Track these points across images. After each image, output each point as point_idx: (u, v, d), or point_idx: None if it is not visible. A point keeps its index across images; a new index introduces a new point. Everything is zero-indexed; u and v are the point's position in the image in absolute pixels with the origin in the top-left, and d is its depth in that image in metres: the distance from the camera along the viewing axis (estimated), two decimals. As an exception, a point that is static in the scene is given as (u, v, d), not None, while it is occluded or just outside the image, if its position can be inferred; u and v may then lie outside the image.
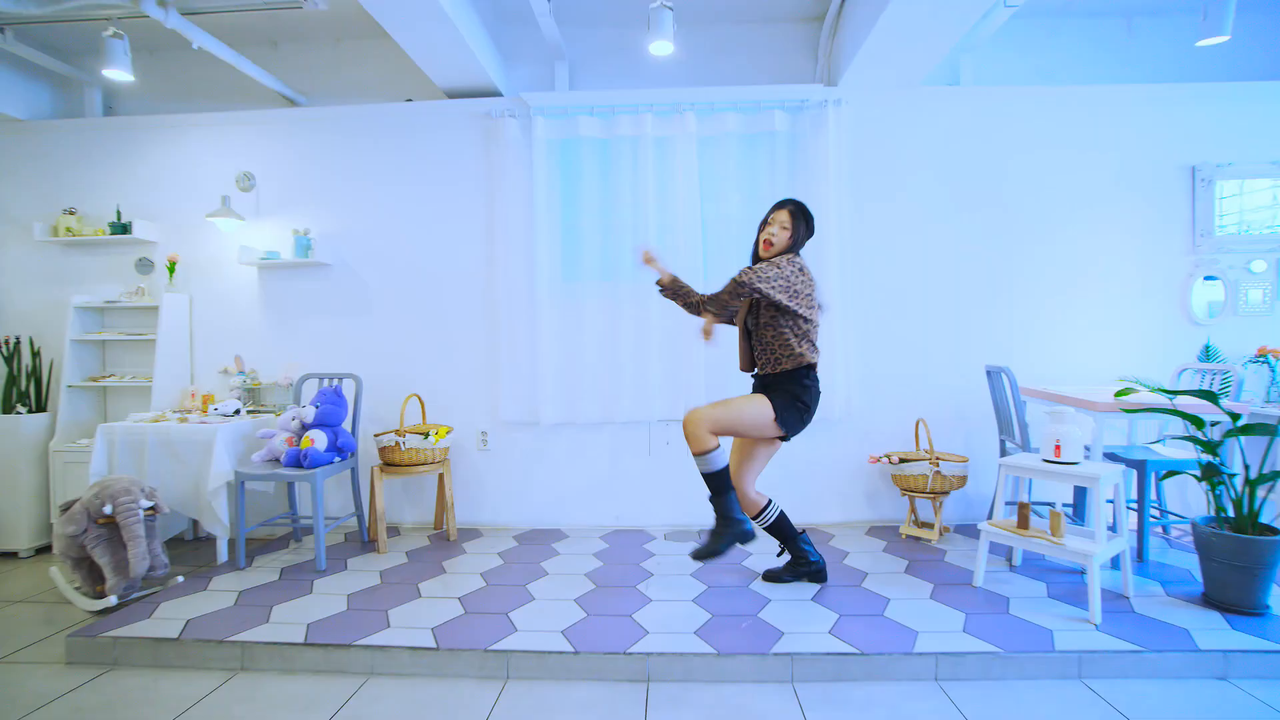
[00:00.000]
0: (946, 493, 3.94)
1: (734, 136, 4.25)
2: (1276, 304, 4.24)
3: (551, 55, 4.47)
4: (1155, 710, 2.35)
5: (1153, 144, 4.24)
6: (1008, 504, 3.52)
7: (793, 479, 4.32)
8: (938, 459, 3.91)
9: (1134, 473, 3.52)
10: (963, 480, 3.94)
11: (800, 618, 2.92)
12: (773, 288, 2.89)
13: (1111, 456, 3.60)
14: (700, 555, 3.04)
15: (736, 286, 2.93)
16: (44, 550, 4.30)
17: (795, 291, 2.92)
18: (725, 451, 3.04)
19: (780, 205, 3.14)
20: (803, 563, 3.33)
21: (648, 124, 4.21)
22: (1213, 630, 2.72)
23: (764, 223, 3.16)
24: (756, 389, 3.20)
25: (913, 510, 4.11)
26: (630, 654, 2.62)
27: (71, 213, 4.50)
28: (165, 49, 4.60)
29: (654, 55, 4.18)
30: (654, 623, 2.89)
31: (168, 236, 4.56)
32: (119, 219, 4.48)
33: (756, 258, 3.17)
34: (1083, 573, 3.37)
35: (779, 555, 3.43)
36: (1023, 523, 3.14)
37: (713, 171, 4.25)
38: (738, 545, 3.10)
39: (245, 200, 4.52)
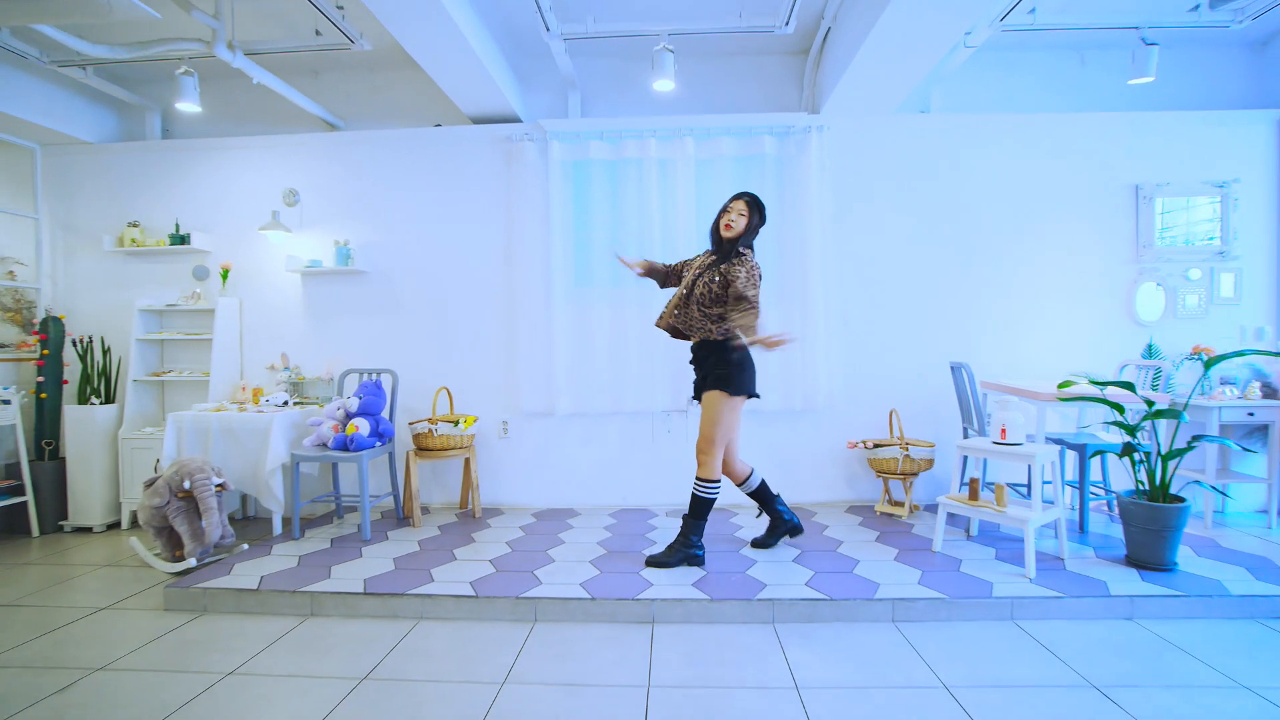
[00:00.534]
0: (916, 474, 4.47)
1: (728, 159, 4.78)
2: (1210, 308, 4.76)
3: (565, 85, 5.00)
4: (1072, 644, 2.87)
5: (1101, 165, 4.77)
6: (964, 484, 4.04)
7: (780, 463, 4.85)
8: (907, 444, 4.43)
9: (1076, 455, 4.04)
10: (930, 463, 4.46)
11: (781, 574, 3.45)
12: (757, 295, 3.43)
13: (1058, 441, 4.12)
14: (652, 563, 3.60)
15: (751, 308, 3.40)
16: (114, 526, 4.82)
17: (756, 286, 3.47)
18: (719, 487, 3.58)
19: (739, 196, 3.63)
20: (780, 522, 3.87)
21: (651, 147, 4.74)
22: (1126, 582, 3.25)
23: (724, 209, 3.61)
24: (693, 362, 3.69)
25: (886, 490, 4.63)
26: (638, 600, 3.15)
27: (135, 226, 5.03)
28: (217, 78, 5.13)
29: (657, 90, 4.70)
30: (658, 579, 3.42)
31: (221, 246, 5.10)
32: (178, 231, 5.02)
33: (716, 234, 3.61)
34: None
35: (758, 517, 3.98)
36: (973, 495, 3.66)
37: (709, 190, 4.77)
38: (684, 565, 3.61)
39: (290, 214, 5.05)
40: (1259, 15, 4.05)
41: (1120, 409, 3.44)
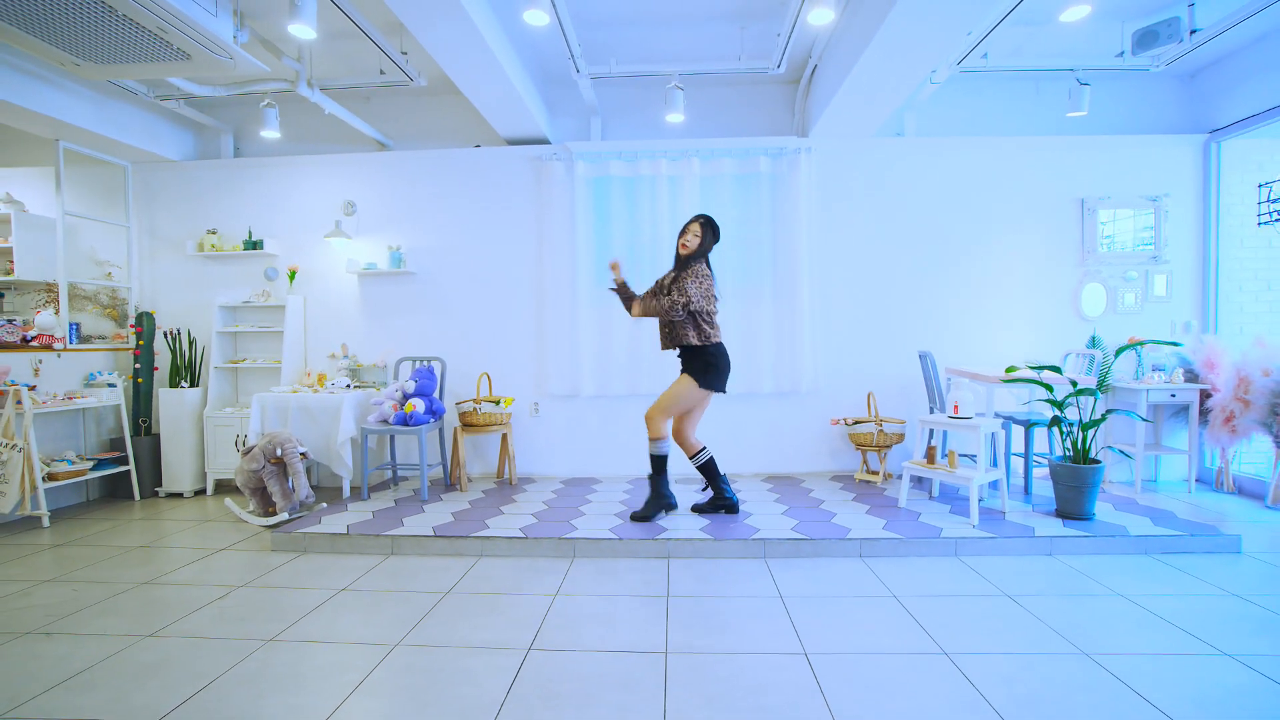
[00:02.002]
0: (889, 446, 5.24)
1: (728, 176, 5.54)
2: (1145, 305, 5.53)
3: (588, 112, 5.76)
4: (1001, 572, 3.63)
5: (1051, 181, 5.53)
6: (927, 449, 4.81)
7: (772, 439, 5.63)
8: (882, 421, 5.20)
9: (1022, 428, 4.81)
10: (901, 437, 5.24)
11: (772, 523, 4.22)
12: (703, 301, 4.09)
13: (1009, 417, 4.89)
14: (636, 518, 4.33)
15: (678, 308, 4.06)
16: (200, 492, 5.61)
17: (707, 295, 4.12)
18: (669, 443, 4.31)
19: (695, 218, 4.21)
20: (720, 498, 4.47)
21: (663, 166, 5.50)
22: (1049, 528, 4.03)
23: (684, 229, 4.24)
24: (682, 367, 4.34)
25: (864, 461, 5.41)
26: (657, 539, 3.93)
27: (213, 233, 5.80)
28: (282, 104, 5.88)
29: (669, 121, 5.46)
30: (671, 526, 4.19)
31: (288, 250, 5.87)
32: (250, 237, 5.79)
33: (677, 255, 4.25)
34: (981, 500, 4.67)
35: (702, 490, 4.61)
36: (930, 460, 4.44)
37: (713, 203, 5.54)
38: (663, 513, 4.36)
39: (348, 223, 5.82)
40: (1173, 61, 4.80)
41: (1050, 388, 4.21)
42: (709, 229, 4.23)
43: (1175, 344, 4.22)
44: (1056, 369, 4.15)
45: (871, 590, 3.39)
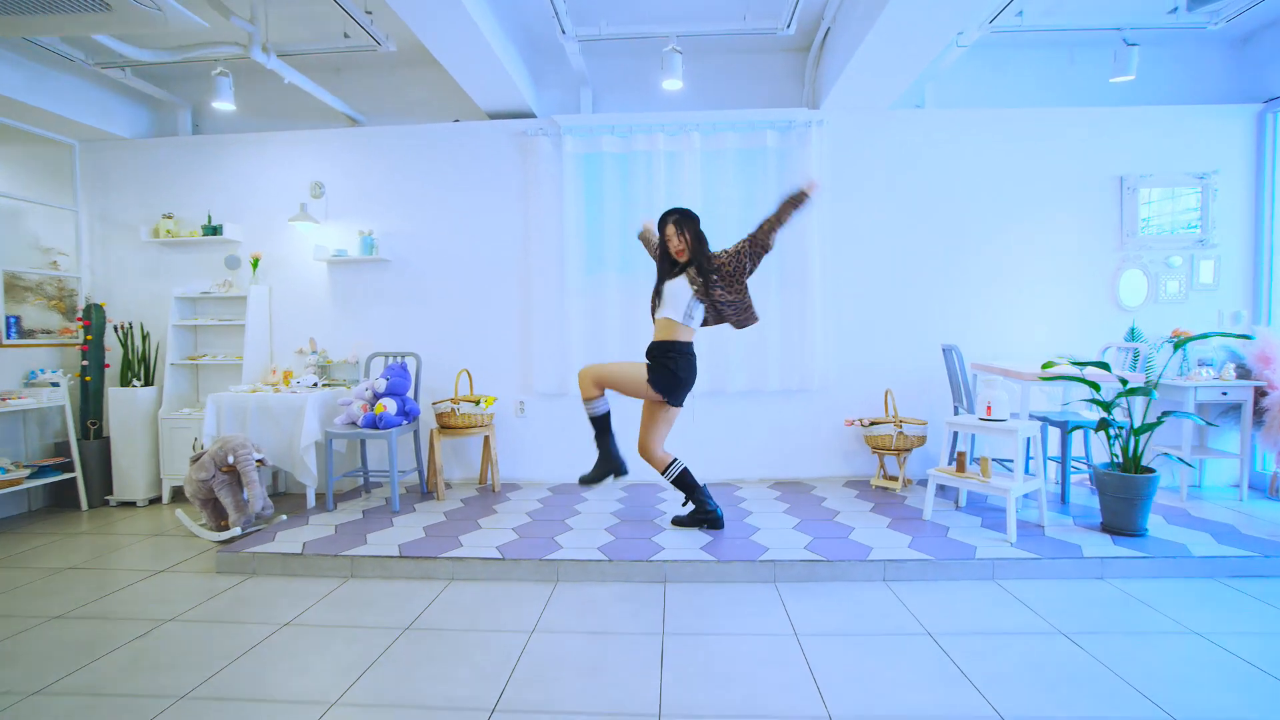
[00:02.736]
0: (909, 450, 4.76)
1: (732, 152, 5.03)
2: (1190, 293, 5.02)
3: (578, 82, 5.25)
4: (1047, 600, 3.15)
5: (1087, 157, 5.02)
6: (953, 459, 4.32)
7: (780, 440, 5.14)
8: (901, 422, 4.72)
9: (1059, 431, 4.32)
10: (922, 440, 4.75)
11: (782, 540, 3.74)
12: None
13: (1042, 418, 4.40)
14: (584, 481, 3.97)
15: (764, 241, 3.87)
16: (155, 500, 5.14)
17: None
18: (606, 401, 3.91)
19: (663, 221, 3.84)
20: (701, 510, 3.99)
21: (660, 141, 4.99)
22: (1099, 545, 3.54)
23: (664, 239, 3.83)
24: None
25: (881, 466, 4.92)
26: (652, 561, 3.44)
27: (169, 217, 5.31)
28: (245, 75, 5.37)
29: (666, 89, 4.95)
30: (668, 543, 3.71)
31: (251, 237, 5.37)
32: (210, 222, 5.29)
33: (670, 261, 3.87)
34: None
35: (683, 505, 4.12)
36: (960, 468, 3.95)
37: (714, 182, 5.04)
38: (612, 477, 3.94)
39: (316, 206, 5.32)
40: (1233, 18, 4.29)
41: (1096, 387, 3.72)
42: (683, 223, 3.84)
43: (1246, 336, 3.72)
44: (1104, 365, 3.65)
45: (901, 626, 2.91)
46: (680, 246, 3.80)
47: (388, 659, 2.68)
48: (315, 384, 4.95)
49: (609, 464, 3.95)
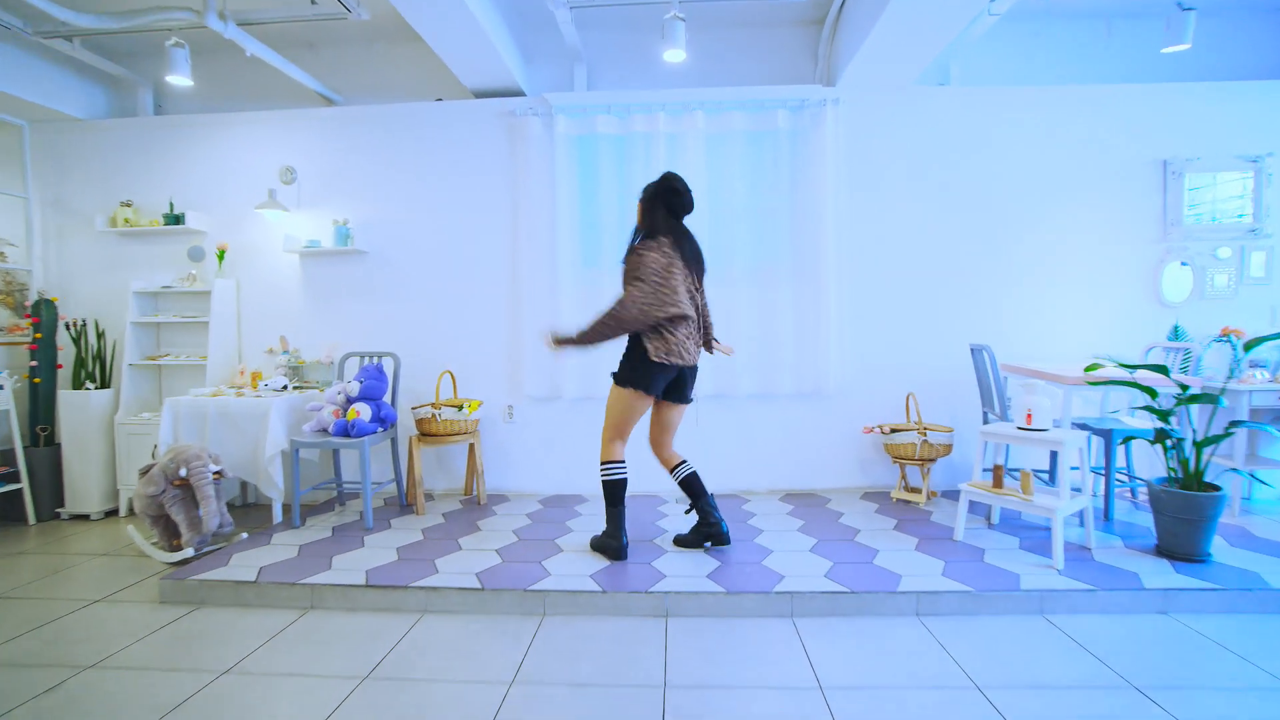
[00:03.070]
0: (934, 460, 4.33)
1: (740, 134, 4.60)
2: (1240, 288, 4.59)
3: (571, 58, 4.82)
4: (1104, 639, 2.74)
5: (1128, 139, 4.59)
6: (985, 470, 3.89)
7: (792, 448, 4.72)
8: (925, 429, 4.29)
9: (1102, 440, 3.90)
10: (948, 449, 4.32)
11: (799, 565, 3.32)
12: (646, 300, 3.23)
13: (1083, 426, 3.98)
14: (593, 545, 3.59)
15: (612, 321, 3.25)
16: (112, 513, 4.71)
17: (651, 292, 3.21)
18: (623, 467, 3.47)
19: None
20: (705, 521, 3.58)
21: (660, 122, 4.56)
22: (1159, 574, 3.12)
23: None
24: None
25: (903, 476, 4.50)
26: (651, 593, 3.02)
27: (128, 205, 4.88)
28: (210, 51, 4.95)
29: (667, 61, 4.51)
30: (671, 569, 3.29)
31: (217, 226, 4.94)
32: (172, 210, 4.86)
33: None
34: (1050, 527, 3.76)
35: (687, 514, 3.73)
36: (997, 483, 3.53)
37: (720, 166, 4.61)
38: (611, 557, 3.48)
39: (288, 192, 4.89)
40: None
41: (1153, 393, 3.29)
42: (646, 203, 3.42)
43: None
44: (1163, 369, 3.23)
45: (943, 676, 2.48)
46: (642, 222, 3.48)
47: (338, 720, 2.27)
48: (285, 386, 4.53)
49: (612, 540, 3.50)
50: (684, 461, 3.62)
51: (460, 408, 4.36)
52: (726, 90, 4.58)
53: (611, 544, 3.46)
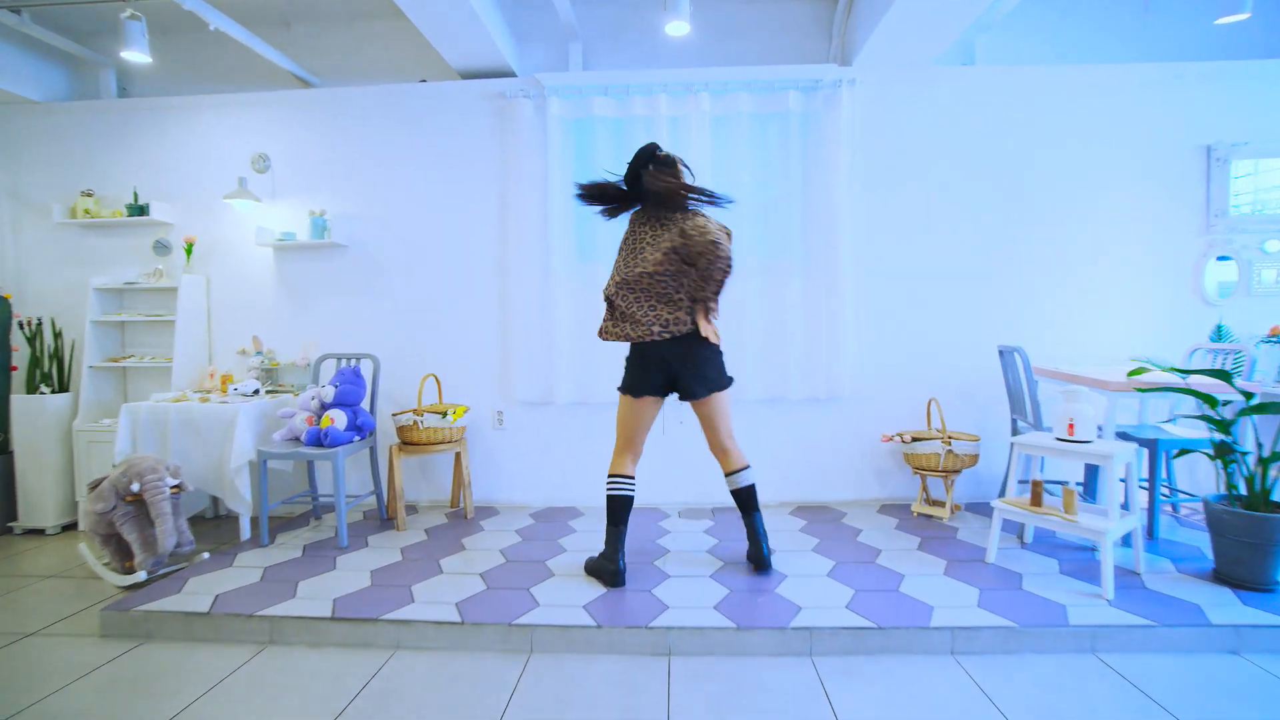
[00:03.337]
0: (958, 471, 3.99)
1: (747, 116, 4.24)
2: (1290, 284, 4.25)
3: (565, 35, 4.46)
4: (1169, 684, 2.40)
5: (1168, 123, 4.23)
6: (1020, 482, 3.55)
7: (803, 457, 4.37)
8: (950, 438, 3.95)
9: (1145, 451, 3.55)
10: (974, 459, 3.98)
11: (817, 594, 2.97)
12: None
13: (1123, 435, 3.64)
14: (587, 569, 3.25)
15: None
16: (70, 527, 4.37)
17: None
18: (628, 483, 3.14)
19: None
20: (749, 539, 3.26)
21: (662, 104, 4.21)
22: (1224, 606, 2.77)
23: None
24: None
25: (924, 489, 4.16)
26: (652, 628, 2.67)
27: (89, 195, 4.53)
28: (178, 30, 4.61)
29: (669, 35, 4.18)
30: (673, 597, 2.95)
31: (184, 218, 4.59)
32: (136, 200, 4.51)
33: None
34: (1094, 549, 3.42)
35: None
36: (1036, 500, 3.18)
37: (726, 152, 4.25)
38: (607, 583, 3.11)
39: (261, 181, 4.54)
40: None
41: (1213, 402, 2.95)
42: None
43: None
44: (1225, 375, 2.88)
45: (991, 734, 2.14)
46: None
47: (282, 794, 1.92)
48: (256, 390, 4.19)
49: (607, 563, 3.14)
50: (741, 469, 3.23)
51: (444, 414, 4.02)
52: (733, 70, 4.23)
53: (608, 568, 3.11)
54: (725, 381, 3.18)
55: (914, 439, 4.02)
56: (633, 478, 3.16)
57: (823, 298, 4.27)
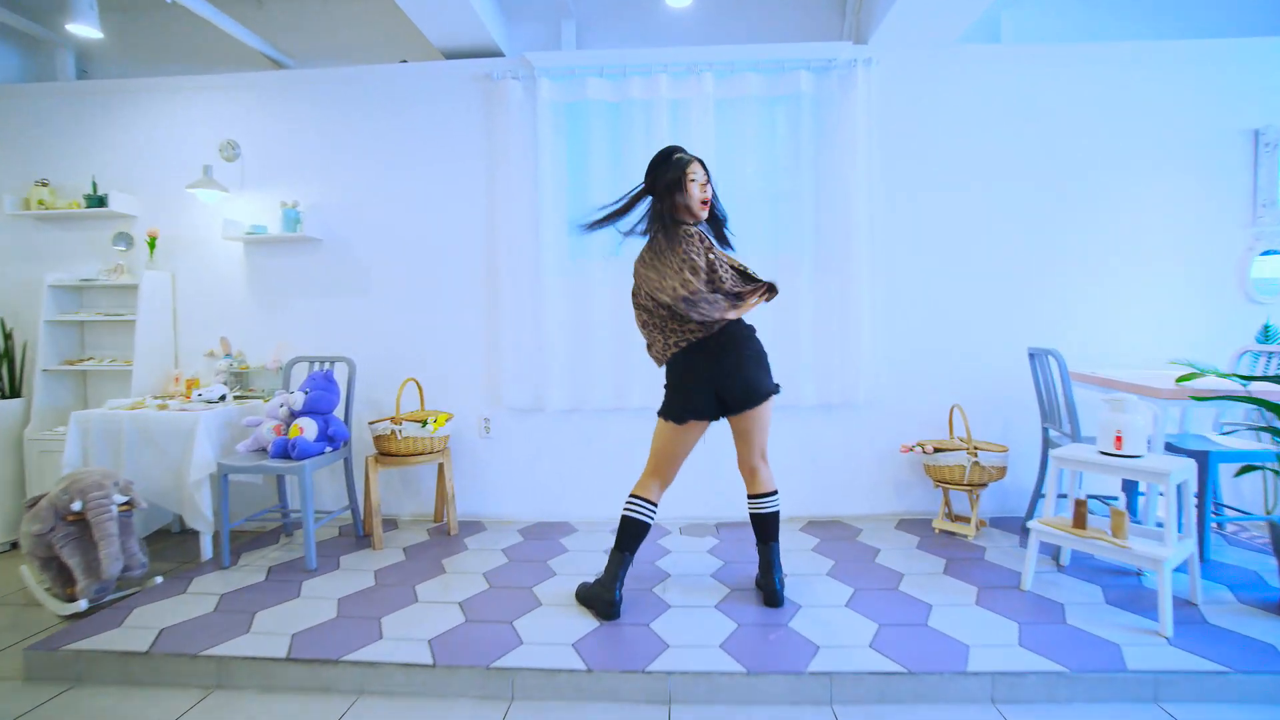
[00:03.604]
0: (985, 485, 3.66)
1: (755, 99, 3.91)
2: (1344, 280, 3.91)
3: (558, 12, 4.13)
4: (1246, 741, 2.07)
5: (1212, 105, 3.90)
6: (1060, 496, 3.21)
7: (816, 468, 4.04)
8: (976, 449, 3.61)
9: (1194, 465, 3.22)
10: (1002, 472, 3.65)
11: (836, 628, 2.64)
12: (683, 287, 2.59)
13: (1169, 448, 3.30)
14: (579, 597, 2.93)
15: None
16: (18, 545, 4.03)
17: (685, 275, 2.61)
18: (647, 508, 2.79)
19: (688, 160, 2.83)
20: (760, 571, 2.94)
21: (662, 86, 3.87)
22: (1301, 645, 2.44)
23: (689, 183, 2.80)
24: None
25: (946, 503, 3.82)
26: (650, 673, 2.34)
27: (44, 184, 4.20)
28: (142, 6, 4.28)
29: (670, 8, 3.85)
30: (674, 633, 2.61)
31: (147, 210, 4.26)
32: (95, 191, 4.18)
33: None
34: (1139, 574, 3.09)
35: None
36: (1079, 522, 2.84)
37: (732, 137, 3.92)
38: (600, 614, 2.78)
39: (230, 170, 4.21)
40: None
41: (1276, 408, 2.61)
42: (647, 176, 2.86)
43: None
44: (1297, 382, 2.55)
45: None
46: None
47: None
48: (223, 396, 3.86)
49: (602, 594, 2.81)
50: (770, 493, 2.89)
51: (425, 423, 3.68)
52: (739, 49, 3.89)
53: (604, 598, 2.77)
54: (774, 385, 2.83)
55: (936, 450, 3.69)
56: (656, 505, 2.82)
57: (836, 296, 3.93)
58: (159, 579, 3.27)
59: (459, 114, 4.09)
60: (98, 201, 4.14)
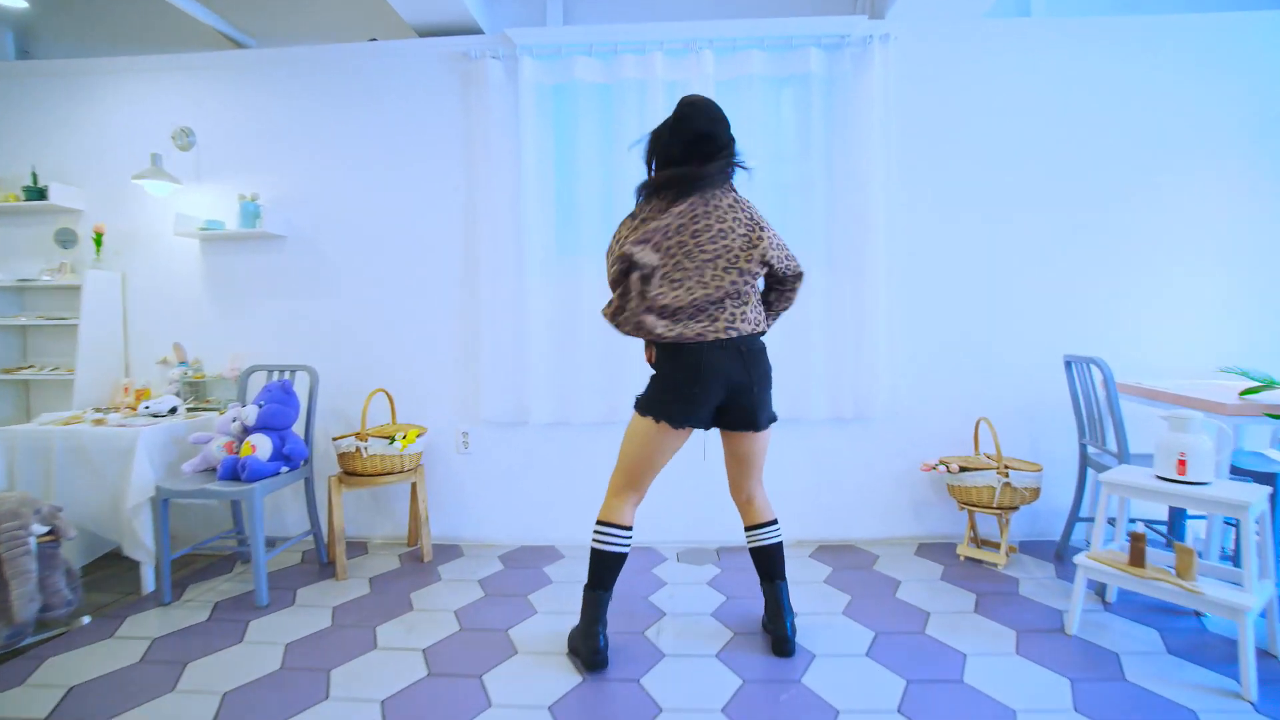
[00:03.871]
0: (1016, 508, 3.28)
1: (760, 80, 3.53)
2: None
3: (542, -16, 3.75)
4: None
5: (1264, 84, 3.51)
6: (1109, 521, 2.83)
7: (827, 487, 3.66)
8: (1007, 468, 3.24)
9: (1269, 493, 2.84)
10: (1036, 493, 3.27)
11: (857, 686, 2.26)
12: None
13: (1233, 470, 2.92)
14: (568, 643, 2.56)
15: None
16: (-51, 572, 3.66)
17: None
18: (621, 535, 2.40)
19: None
20: (768, 615, 2.56)
21: (657, 65, 3.49)
22: None
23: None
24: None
25: (972, 526, 3.45)
26: (639, 749, 1.97)
27: (-20, 175, 3.83)
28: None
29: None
30: (669, 693, 2.23)
31: (93, 203, 3.89)
32: (35, 182, 3.81)
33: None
34: (1198, 614, 2.71)
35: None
36: (1137, 559, 2.46)
37: (734, 121, 3.46)
38: (583, 666, 2.41)
39: (183, 160, 3.84)
40: None
41: (1377, 434, 2.23)
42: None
43: None
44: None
45: None
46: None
47: None
48: (174, 409, 3.49)
49: (584, 641, 2.43)
50: (770, 523, 2.55)
51: (392, 439, 3.31)
52: (742, 23, 3.51)
53: (587, 645, 2.39)
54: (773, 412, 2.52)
55: (963, 469, 3.31)
56: (630, 529, 2.43)
57: (849, 297, 3.55)
58: (86, 619, 2.89)
59: (434, 97, 3.71)
60: (38, 194, 3.77)
